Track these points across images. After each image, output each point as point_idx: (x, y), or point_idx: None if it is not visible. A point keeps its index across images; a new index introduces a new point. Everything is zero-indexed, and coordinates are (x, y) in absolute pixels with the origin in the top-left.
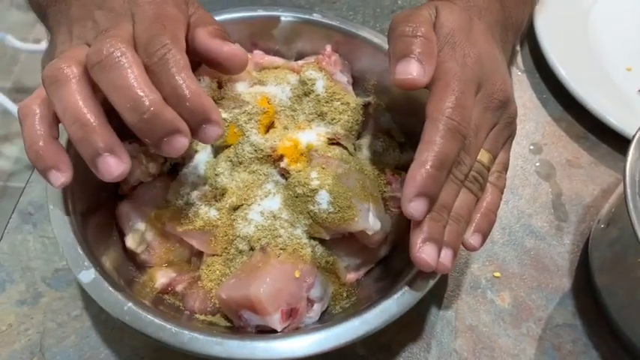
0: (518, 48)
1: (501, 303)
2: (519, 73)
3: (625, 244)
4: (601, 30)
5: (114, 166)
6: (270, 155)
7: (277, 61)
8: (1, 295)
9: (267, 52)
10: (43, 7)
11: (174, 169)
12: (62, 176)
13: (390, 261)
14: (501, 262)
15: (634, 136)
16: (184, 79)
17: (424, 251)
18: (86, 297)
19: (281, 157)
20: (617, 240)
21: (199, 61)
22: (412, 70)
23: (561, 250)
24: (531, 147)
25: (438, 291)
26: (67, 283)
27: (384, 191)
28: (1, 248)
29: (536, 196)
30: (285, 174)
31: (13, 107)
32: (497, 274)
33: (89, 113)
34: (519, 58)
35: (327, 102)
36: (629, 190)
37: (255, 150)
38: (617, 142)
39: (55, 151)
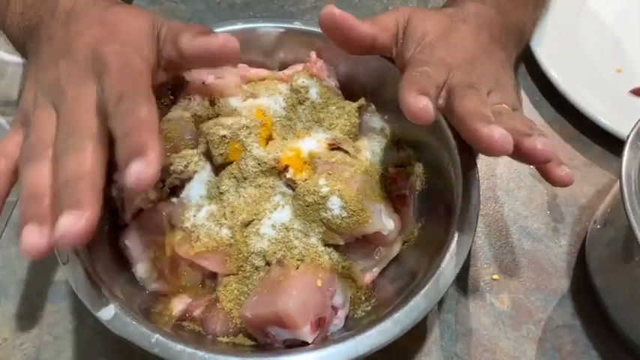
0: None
1: (500, 305)
2: None
3: (622, 243)
4: (590, 32)
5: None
6: (275, 167)
7: (263, 72)
8: None
9: (251, 64)
10: (21, 43)
11: (173, 193)
12: None
13: (402, 259)
14: (499, 265)
15: (628, 136)
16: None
17: (493, 129)
18: (83, 310)
19: (286, 168)
20: (614, 240)
21: (191, 66)
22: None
23: (558, 251)
24: None
25: None
26: (63, 295)
27: (390, 190)
28: None
29: (531, 198)
30: (291, 184)
31: (0, 120)
32: (495, 276)
33: None
34: None
35: (322, 108)
36: (625, 190)
37: (259, 163)
38: (610, 143)
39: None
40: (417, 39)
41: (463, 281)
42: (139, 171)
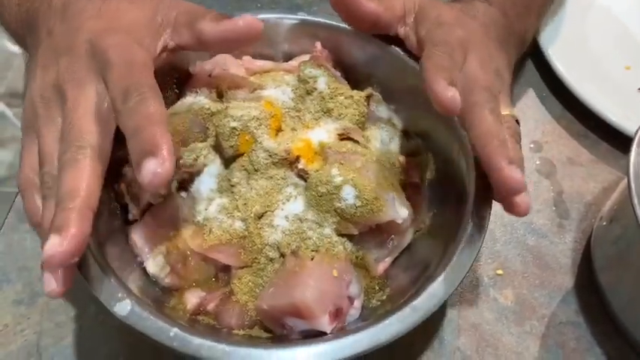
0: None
1: (504, 301)
2: (518, 71)
3: (628, 240)
4: (600, 29)
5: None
6: (286, 158)
7: (268, 64)
8: None
9: (254, 56)
10: (21, 36)
11: (183, 187)
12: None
13: (413, 248)
14: (503, 260)
15: (636, 133)
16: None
17: (513, 170)
18: (84, 297)
19: (297, 159)
20: (620, 237)
21: (208, 50)
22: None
23: (563, 247)
24: (531, 145)
25: None
26: None
27: (402, 179)
28: None
29: (537, 193)
30: (303, 175)
31: (7, 112)
32: (499, 271)
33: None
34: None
35: (331, 98)
36: (633, 187)
37: (270, 155)
38: (617, 140)
39: None
40: (432, 18)
41: (466, 276)
42: (153, 169)
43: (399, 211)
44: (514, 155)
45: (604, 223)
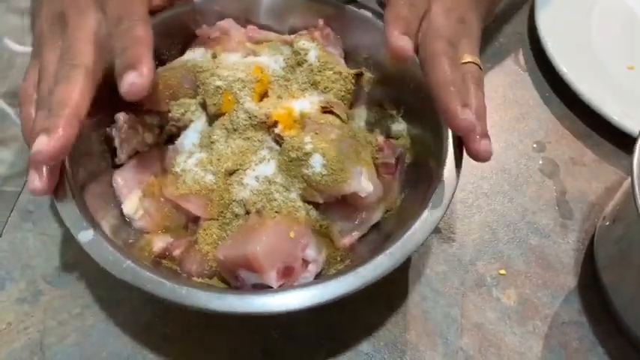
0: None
1: (507, 301)
2: (521, 71)
3: (631, 240)
4: (603, 29)
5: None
6: (265, 122)
7: (270, 35)
8: (1, 293)
9: (262, 28)
10: None
11: (170, 140)
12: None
13: (382, 227)
14: (506, 260)
15: None
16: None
17: (484, 144)
18: (88, 295)
19: (275, 124)
20: (623, 237)
21: None
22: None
23: (566, 247)
24: (534, 145)
25: (444, 288)
26: (68, 281)
27: (376, 157)
28: (0, 247)
29: (540, 193)
30: (279, 140)
31: (8, 111)
32: (502, 271)
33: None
34: (521, 57)
35: (319, 71)
36: (636, 186)
37: (250, 117)
38: (620, 140)
39: None
40: None
41: (469, 275)
42: (131, 81)
43: (364, 185)
44: (476, 102)
45: (607, 223)
